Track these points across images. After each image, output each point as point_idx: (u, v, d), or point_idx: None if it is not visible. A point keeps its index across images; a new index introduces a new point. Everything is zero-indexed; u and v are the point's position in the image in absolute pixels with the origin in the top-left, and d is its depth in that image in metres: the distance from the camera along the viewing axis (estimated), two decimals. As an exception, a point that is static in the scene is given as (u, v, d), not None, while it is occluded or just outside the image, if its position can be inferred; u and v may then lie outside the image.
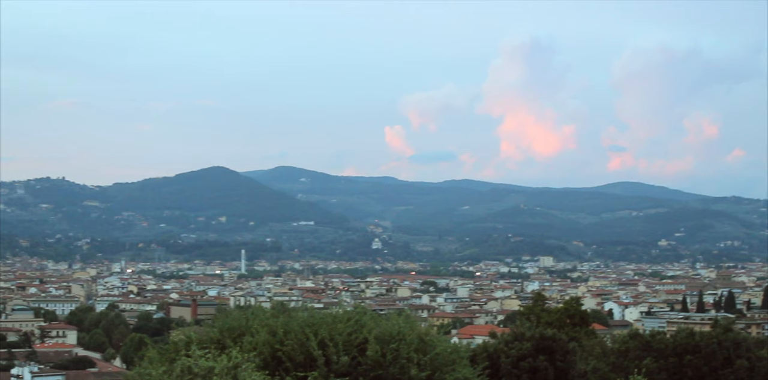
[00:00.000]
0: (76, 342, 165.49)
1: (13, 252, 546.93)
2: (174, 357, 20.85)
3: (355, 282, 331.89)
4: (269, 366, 22.00)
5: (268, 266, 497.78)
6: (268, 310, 26.65)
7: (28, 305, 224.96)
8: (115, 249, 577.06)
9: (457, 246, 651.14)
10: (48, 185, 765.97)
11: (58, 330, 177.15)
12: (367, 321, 24.23)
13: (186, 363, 17.92)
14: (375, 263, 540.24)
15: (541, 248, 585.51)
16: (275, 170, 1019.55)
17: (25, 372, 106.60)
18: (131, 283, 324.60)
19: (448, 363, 24.08)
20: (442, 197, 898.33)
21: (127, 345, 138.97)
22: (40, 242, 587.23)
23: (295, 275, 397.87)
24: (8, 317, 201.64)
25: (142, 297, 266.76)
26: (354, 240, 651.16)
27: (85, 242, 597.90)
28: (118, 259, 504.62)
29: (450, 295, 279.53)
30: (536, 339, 40.41)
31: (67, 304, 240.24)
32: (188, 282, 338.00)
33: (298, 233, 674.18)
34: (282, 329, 23.33)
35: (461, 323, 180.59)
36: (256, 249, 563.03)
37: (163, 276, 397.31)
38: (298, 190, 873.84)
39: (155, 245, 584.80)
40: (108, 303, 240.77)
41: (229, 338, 23.76)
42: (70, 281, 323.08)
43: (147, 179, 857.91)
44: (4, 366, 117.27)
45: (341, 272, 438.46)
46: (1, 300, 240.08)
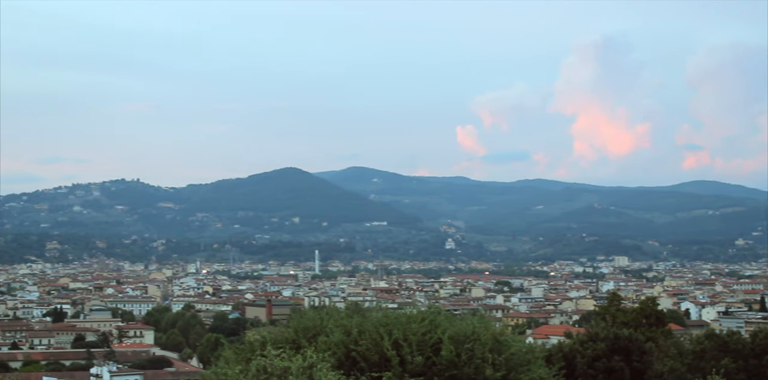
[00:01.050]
0: (153, 342, 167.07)
1: (90, 253, 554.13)
2: (250, 356, 20.99)
3: (429, 283, 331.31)
4: (344, 366, 22.08)
5: (342, 266, 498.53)
6: (342, 310, 26.78)
7: (105, 305, 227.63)
8: (190, 250, 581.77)
9: (531, 246, 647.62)
10: (123, 187, 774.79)
11: (135, 330, 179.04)
12: (442, 322, 24.23)
13: (261, 362, 18.04)
14: (448, 263, 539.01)
15: (615, 248, 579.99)
16: (348, 171, 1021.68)
17: (103, 371, 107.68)
18: (207, 284, 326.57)
19: (523, 363, 24.01)
20: (515, 197, 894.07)
21: (203, 345, 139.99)
22: (117, 243, 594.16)
23: (369, 275, 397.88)
24: (87, 317, 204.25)
25: (218, 298, 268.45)
26: (427, 240, 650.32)
27: (160, 243, 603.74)
28: (193, 260, 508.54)
29: (524, 295, 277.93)
30: (611, 340, 40.15)
31: (143, 305, 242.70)
32: (263, 283, 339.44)
33: (371, 233, 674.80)
34: (356, 329, 23.41)
35: (536, 323, 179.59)
36: (329, 250, 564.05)
37: (237, 277, 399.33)
38: (370, 190, 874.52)
39: (229, 246, 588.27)
40: (184, 303, 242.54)
41: (304, 338, 23.89)
42: (146, 282, 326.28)
43: (221, 180, 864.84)
44: (83, 366, 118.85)
45: (415, 272, 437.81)
46: (79, 300, 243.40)
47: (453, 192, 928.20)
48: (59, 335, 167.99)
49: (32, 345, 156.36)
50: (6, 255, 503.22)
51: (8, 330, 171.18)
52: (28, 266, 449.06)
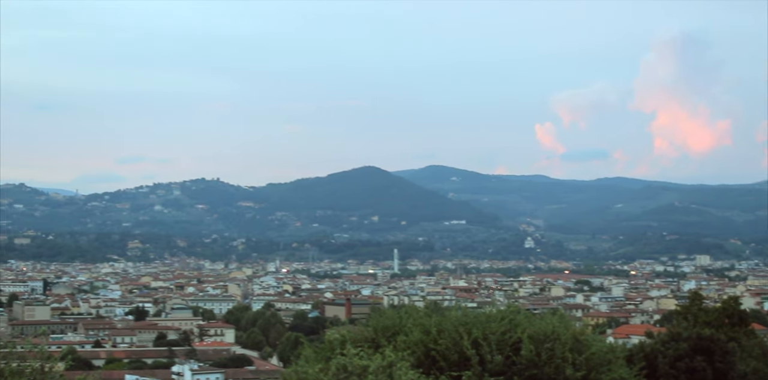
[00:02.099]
0: (233, 340, 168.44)
1: (171, 252, 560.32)
2: (329, 355, 21.03)
3: (508, 282, 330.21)
4: (423, 365, 22.05)
5: (421, 265, 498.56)
6: (421, 309, 26.72)
7: (186, 304, 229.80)
8: (270, 248, 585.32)
9: (611, 244, 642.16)
10: (203, 186, 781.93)
11: (216, 328, 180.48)
12: (521, 321, 24.10)
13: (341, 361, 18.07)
14: (528, 262, 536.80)
15: (697, 246, 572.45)
16: (426, 169, 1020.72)
17: (185, 369, 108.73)
18: (286, 283, 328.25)
19: (604, 363, 23.81)
20: (594, 195, 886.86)
21: (283, 344, 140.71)
22: (197, 242, 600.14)
23: (448, 274, 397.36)
24: (168, 316, 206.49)
25: (297, 297, 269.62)
26: (506, 239, 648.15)
27: (240, 242, 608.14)
28: (272, 259, 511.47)
29: (604, 294, 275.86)
30: (694, 340, 39.63)
31: (224, 303, 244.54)
32: (342, 282, 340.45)
33: (450, 232, 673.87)
34: (435, 328, 23.36)
35: (616, 322, 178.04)
36: (408, 249, 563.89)
37: (317, 276, 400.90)
38: (449, 189, 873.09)
39: (309, 245, 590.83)
40: (264, 302, 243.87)
41: (383, 337, 23.88)
42: (226, 280, 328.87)
43: (300, 179, 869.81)
44: (165, 364, 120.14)
45: (494, 271, 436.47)
46: (160, 299, 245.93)
47: (532, 190, 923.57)
48: (141, 333, 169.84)
49: (115, 343, 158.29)
50: (89, 254, 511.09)
51: (91, 329, 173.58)
52: (110, 265, 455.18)
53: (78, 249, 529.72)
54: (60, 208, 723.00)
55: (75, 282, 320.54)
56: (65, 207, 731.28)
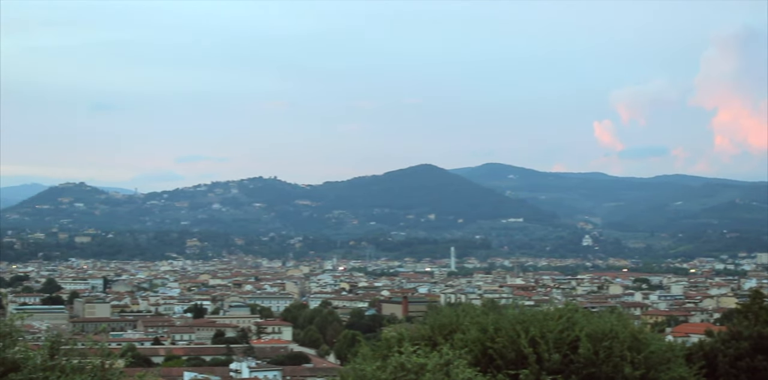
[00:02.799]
0: (291, 338, 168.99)
1: (229, 250, 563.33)
2: (386, 353, 21.05)
3: (566, 280, 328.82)
4: (480, 363, 22.02)
5: (478, 263, 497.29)
6: (478, 307, 26.71)
7: (244, 302, 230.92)
8: (327, 246, 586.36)
9: (670, 242, 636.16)
10: (261, 185, 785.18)
11: (273, 326, 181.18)
12: (579, 319, 24.00)
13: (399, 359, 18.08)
14: (585, 260, 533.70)
15: (758, 244, 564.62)
16: (483, 167, 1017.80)
17: (243, 367, 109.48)
18: (343, 280, 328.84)
19: (663, 362, 23.66)
20: (653, 192, 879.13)
21: (340, 342, 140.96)
22: (255, 240, 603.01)
23: (505, 272, 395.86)
24: (226, 313, 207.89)
25: (354, 295, 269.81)
26: (564, 237, 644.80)
27: (297, 240, 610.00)
28: (329, 257, 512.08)
29: (663, 293, 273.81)
30: (755, 338, 39.19)
31: (281, 301, 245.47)
32: (399, 280, 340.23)
33: (507, 230, 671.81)
34: (492, 326, 23.33)
35: (675, 321, 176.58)
36: (465, 247, 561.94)
37: (374, 274, 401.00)
38: (506, 186, 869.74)
39: (365, 243, 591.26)
40: (321, 300, 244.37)
41: (440, 335, 23.89)
42: (284, 278, 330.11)
43: (356, 178, 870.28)
44: (223, 361, 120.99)
45: (551, 269, 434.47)
46: (219, 297, 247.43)
47: (590, 188, 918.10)
48: (199, 331, 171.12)
49: (173, 340, 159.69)
50: (148, 252, 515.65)
51: (150, 326, 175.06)
52: (169, 263, 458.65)
53: (137, 248, 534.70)
54: (119, 207, 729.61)
55: (134, 280, 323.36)
56: (125, 205, 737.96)
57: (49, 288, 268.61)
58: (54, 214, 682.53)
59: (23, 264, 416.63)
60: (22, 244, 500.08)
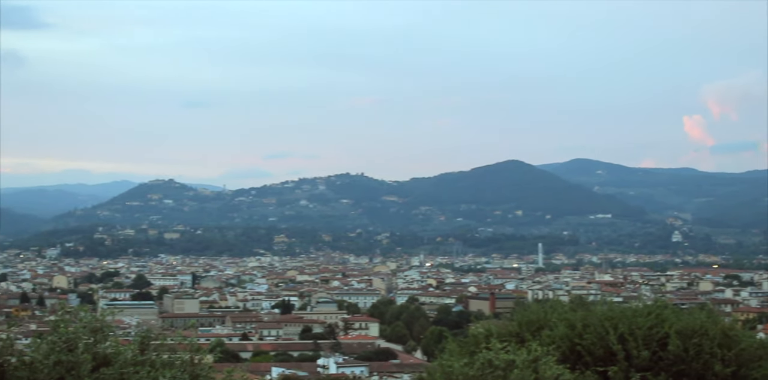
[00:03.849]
0: (378, 334, 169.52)
1: (316, 246, 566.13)
2: (474, 350, 20.99)
3: (655, 276, 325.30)
4: (568, 359, 21.86)
5: (566, 259, 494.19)
6: (566, 304, 26.52)
7: (331, 298, 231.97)
8: (414, 243, 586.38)
9: (762, 238, 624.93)
10: (348, 181, 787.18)
11: (360, 322, 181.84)
12: (668, 316, 23.72)
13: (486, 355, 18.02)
14: (675, 256, 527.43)
15: None
16: (571, 163, 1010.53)
17: (330, 362, 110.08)
18: (430, 277, 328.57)
19: (754, 359, 23.29)
20: (744, 188, 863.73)
21: (427, 338, 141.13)
22: (342, 236, 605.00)
23: (593, 268, 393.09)
24: (313, 309, 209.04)
25: (441, 291, 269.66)
26: (653, 232, 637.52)
27: (384, 236, 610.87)
28: (416, 253, 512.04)
29: (755, 289, 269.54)
30: None
31: (368, 297, 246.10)
32: (486, 276, 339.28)
33: (595, 226, 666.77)
34: (581, 323, 23.14)
35: (767, 318, 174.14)
36: (553, 243, 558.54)
37: (461, 270, 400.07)
38: (594, 182, 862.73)
39: (452, 239, 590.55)
40: (408, 296, 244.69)
41: (528, 331, 23.76)
42: (371, 274, 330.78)
43: (443, 174, 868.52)
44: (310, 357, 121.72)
45: (640, 265, 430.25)
46: (306, 293, 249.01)
47: (680, 183, 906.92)
48: (287, 326, 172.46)
49: (261, 336, 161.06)
50: (236, 248, 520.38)
51: (239, 322, 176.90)
52: (257, 259, 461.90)
53: (225, 244, 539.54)
54: (208, 203, 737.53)
55: (223, 276, 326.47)
56: (213, 202, 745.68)
57: (139, 284, 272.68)
58: (144, 211, 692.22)
59: (114, 260, 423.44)
60: (113, 241, 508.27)
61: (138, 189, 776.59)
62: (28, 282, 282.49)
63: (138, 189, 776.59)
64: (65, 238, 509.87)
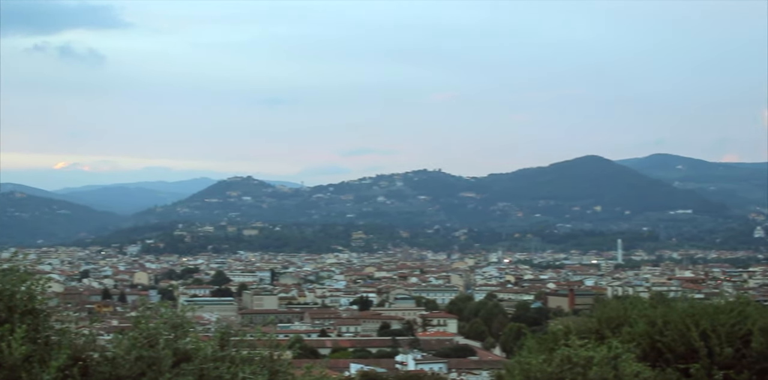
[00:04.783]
0: (456, 330, 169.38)
1: (394, 242, 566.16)
2: (553, 346, 20.87)
3: (737, 272, 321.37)
4: (648, 357, 21.64)
5: (645, 255, 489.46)
6: (646, 300, 26.26)
7: (409, 294, 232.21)
8: (492, 239, 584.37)
9: None
10: (425, 177, 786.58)
11: (439, 318, 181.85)
12: (751, 312, 23.41)
13: (565, 352, 17.91)
14: (758, 252, 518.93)
15: None
16: (650, 158, 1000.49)
17: (408, 359, 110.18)
18: (508, 273, 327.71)
19: (839, 357, 22.94)
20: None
21: (505, 334, 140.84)
22: (420, 233, 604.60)
23: (674, 265, 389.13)
24: (392, 306, 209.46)
25: (520, 287, 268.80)
26: (734, 228, 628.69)
27: (462, 233, 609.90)
28: (494, 249, 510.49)
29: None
30: None
31: (446, 293, 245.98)
32: (565, 272, 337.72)
33: (675, 222, 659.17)
34: (661, 320, 22.91)
35: None
36: (632, 239, 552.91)
37: (539, 266, 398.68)
38: (674, 177, 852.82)
39: (531, 235, 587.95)
40: (486, 292, 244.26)
41: (608, 328, 23.58)
42: (449, 271, 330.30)
43: (521, 169, 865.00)
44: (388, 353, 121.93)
45: (721, 261, 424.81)
46: (384, 289, 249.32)
47: (763, 178, 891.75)
48: (365, 323, 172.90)
49: (340, 332, 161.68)
50: (314, 244, 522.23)
51: (317, 318, 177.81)
52: (335, 255, 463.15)
53: (303, 240, 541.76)
54: (286, 200, 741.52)
55: (301, 273, 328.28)
56: (291, 199, 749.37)
57: (219, 280, 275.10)
58: (223, 208, 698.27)
59: (193, 256, 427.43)
60: (192, 237, 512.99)
61: (217, 186, 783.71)
62: (110, 279, 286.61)
63: (217, 186, 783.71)
64: (146, 235, 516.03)
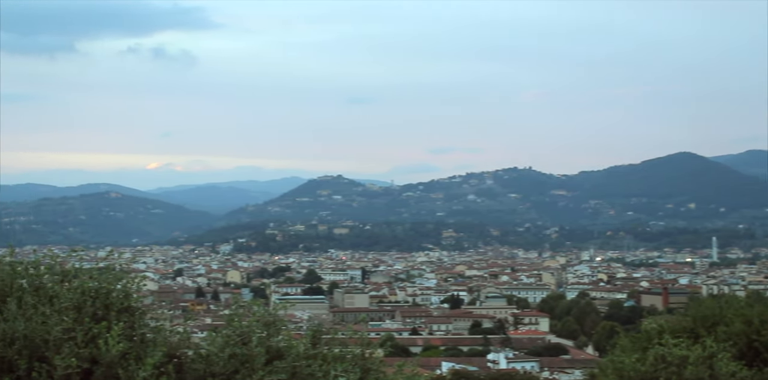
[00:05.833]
0: (548, 329, 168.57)
1: (485, 241, 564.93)
2: (646, 345, 20.68)
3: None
4: (745, 356, 21.34)
5: (741, 254, 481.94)
6: (742, 299, 25.90)
7: (500, 293, 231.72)
8: (583, 237, 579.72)
9: None
10: (515, 175, 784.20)
11: (530, 317, 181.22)
12: None
13: (659, 351, 17.73)
14: None
15: None
16: (746, 154, 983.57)
17: (500, 357, 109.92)
18: (601, 271, 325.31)
19: None
20: None
21: (598, 333, 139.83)
22: (510, 231, 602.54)
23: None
24: (482, 304, 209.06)
25: (612, 285, 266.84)
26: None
27: (553, 231, 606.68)
28: (586, 247, 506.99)
29: None
30: None
31: (538, 292, 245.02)
32: (658, 270, 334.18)
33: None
34: (758, 319, 22.58)
35: None
36: (727, 237, 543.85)
37: (632, 264, 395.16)
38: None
39: (623, 233, 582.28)
40: (578, 291, 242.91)
41: (703, 327, 23.28)
42: (540, 269, 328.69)
43: (612, 167, 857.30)
44: (480, 352, 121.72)
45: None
46: (475, 287, 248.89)
47: None
48: (456, 321, 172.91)
49: (431, 330, 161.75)
50: (405, 243, 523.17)
51: (408, 316, 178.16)
52: (425, 254, 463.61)
53: (394, 239, 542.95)
54: (376, 199, 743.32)
55: (392, 271, 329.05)
56: (381, 197, 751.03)
57: (310, 278, 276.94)
58: (313, 207, 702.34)
59: (285, 255, 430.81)
60: (284, 236, 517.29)
61: (307, 185, 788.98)
62: (203, 277, 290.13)
63: (307, 185, 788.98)
64: (238, 234, 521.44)
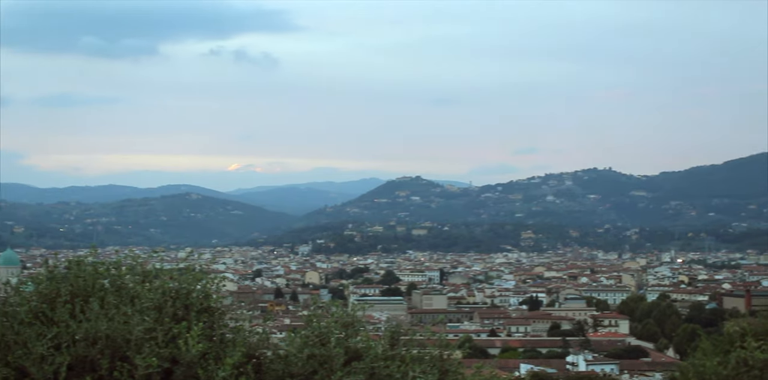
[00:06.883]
0: (628, 331, 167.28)
1: (563, 242, 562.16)
2: (728, 348, 20.43)
3: None
4: (831, 360, 21.03)
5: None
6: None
7: (580, 294, 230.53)
8: (664, 238, 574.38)
9: None
10: (595, 176, 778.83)
11: (610, 319, 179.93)
12: None
13: (741, 354, 17.50)
14: None
15: None
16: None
17: (579, 359, 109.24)
18: (681, 273, 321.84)
19: None
20: None
21: (679, 336, 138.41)
22: (590, 232, 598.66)
23: None
24: (561, 306, 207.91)
25: (694, 287, 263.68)
26: None
27: (633, 232, 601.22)
28: (667, 249, 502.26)
29: None
30: None
31: (617, 294, 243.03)
32: (741, 272, 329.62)
33: None
34: (843, 321, 22.24)
35: None
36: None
37: (713, 266, 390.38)
38: None
39: (704, 234, 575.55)
40: (658, 292, 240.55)
41: (786, 330, 22.97)
42: (620, 271, 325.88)
43: (694, 167, 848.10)
44: (558, 354, 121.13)
45: None
46: (554, 289, 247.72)
47: None
48: (535, 323, 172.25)
49: (509, 332, 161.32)
50: (483, 244, 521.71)
51: (487, 318, 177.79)
52: (504, 255, 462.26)
53: (472, 240, 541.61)
54: (455, 200, 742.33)
55: (470, 272, 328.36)
56: (459, 198, 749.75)
57: (388, 279, 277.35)
58: (391, 208, 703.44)
59: (363, 256, 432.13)
60: (362, 237, 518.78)
61: (386, 186, 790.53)
62: (282, 278, 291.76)
63: (386, 186, 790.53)
64: (316, 235, 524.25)
